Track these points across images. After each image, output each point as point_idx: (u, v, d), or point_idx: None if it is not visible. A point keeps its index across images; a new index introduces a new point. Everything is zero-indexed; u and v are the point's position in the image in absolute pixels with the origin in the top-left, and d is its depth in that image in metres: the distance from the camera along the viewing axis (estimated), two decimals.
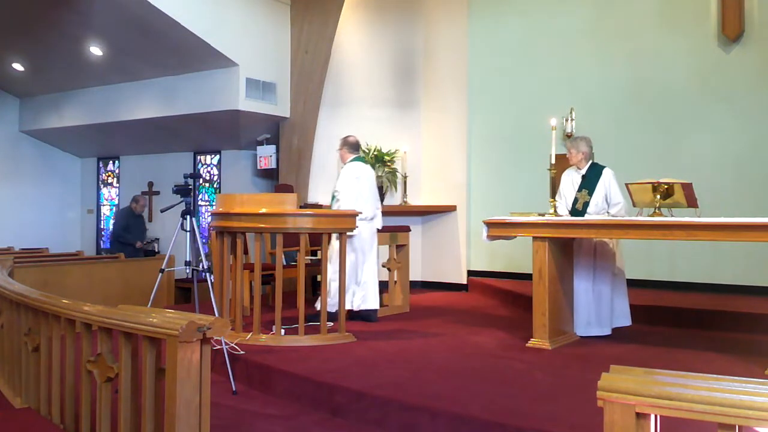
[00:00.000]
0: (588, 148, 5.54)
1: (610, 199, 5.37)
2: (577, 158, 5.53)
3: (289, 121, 8.98)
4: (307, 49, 8.74)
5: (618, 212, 5.28)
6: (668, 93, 7.34)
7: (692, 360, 4.57)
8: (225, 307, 5.23)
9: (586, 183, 5.47)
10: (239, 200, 5.55)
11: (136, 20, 7.64)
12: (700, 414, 1.61)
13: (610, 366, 1.81)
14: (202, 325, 2.51)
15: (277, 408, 4.02)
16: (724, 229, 4.20)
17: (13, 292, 3.93)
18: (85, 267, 7.51)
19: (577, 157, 5.53)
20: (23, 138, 11.42)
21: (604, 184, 5.39)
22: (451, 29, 8.76)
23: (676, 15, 7.33)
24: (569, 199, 5.56)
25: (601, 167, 5.49)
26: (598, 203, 5.39)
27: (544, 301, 4.92)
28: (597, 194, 5.40)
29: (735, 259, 6.71)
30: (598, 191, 5.40)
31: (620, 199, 5.34)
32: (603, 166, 5.51)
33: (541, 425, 3.17)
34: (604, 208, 5.38)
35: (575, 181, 5.56)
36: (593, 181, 5.43)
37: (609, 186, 5.38)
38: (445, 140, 8.79)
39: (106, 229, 12.01)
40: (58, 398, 3.51)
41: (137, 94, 9.53)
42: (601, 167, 5.49)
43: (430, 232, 8.88)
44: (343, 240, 5.35)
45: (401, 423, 3.54)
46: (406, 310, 6.82)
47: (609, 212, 5.32)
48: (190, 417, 2.49)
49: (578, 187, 5.51)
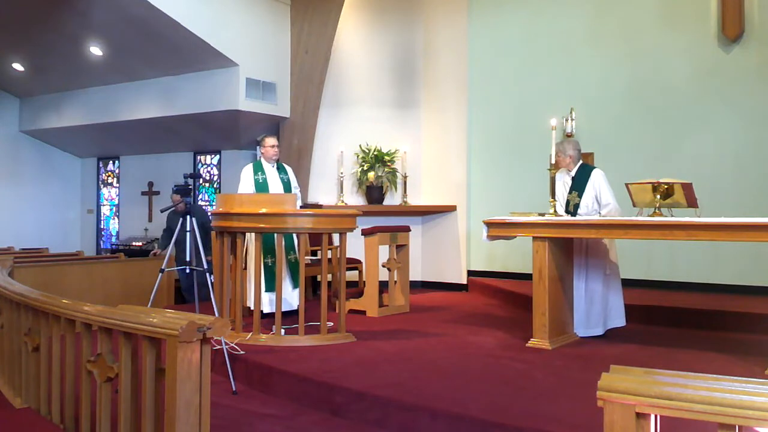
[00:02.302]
0: (575, 150, 5.54)
1: (600, 200, 5.35)
2: (565, 161, 5.54)
3: (289, 121, 8.98)
4: (307, 49, 8.75)
5: (608, 213, 5.24)
6: (668, 93, 7.34)
7: (692, 360, 4.57)
8: (225, 307, 5.23)
9: (575, 185, 5.48)
10: (239, 200, 5.55)
11: (136, 20, 7.64)
12: (700, 414, 1.61)
13: (610, 366, 1.81)
14: (202, 325, 2.51)
15: (276, 408, 4.02)
16: (724, 229, 4.20)
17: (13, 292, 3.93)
18: (85, 267, 7.51)
19: (565, 160, 5.54)
20: (23, 138, 11.42)
21: (593, 185, 5.38)
22: (451, 29, 8.76)
23: (676, 15, 7.33)
24: (563, 201, 5.56)
25: (591, 168, 5.49)
26: (588, 205, 5.38)
27: (544, 301, 4.92)
28: (586, 195, 5.39)
29: (735, 259, 6.71)
30: (588, 192, 5.39)
31: (609, 200, 5.31)
32: (593, 167, 5.51)
33: (541, 425, 3.17)
34: (595, 209, 5.36)
35: (567, 183, 5.57)
36: (582, 183, 5.43)
37: (598, 187, 5.35)
38: (445, 140, 8.79)
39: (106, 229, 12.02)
40: (58, 398, 3.51)
41: (137, 94, 9.53)
42: (591, 168, 5.49)
43: (430, 232, 8.88)
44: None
45: (401, 423, 3.54)
46: (406, 310, 6.83)
47: (600, 213, 5.30)
48: (190, 417, 2.49)
49: (569, 189, 5.53)
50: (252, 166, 6.36)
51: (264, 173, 6.28)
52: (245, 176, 6.32)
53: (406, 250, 6.94)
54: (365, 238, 6.57)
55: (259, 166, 6.31)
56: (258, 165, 6.34)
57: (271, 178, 6.30)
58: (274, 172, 6.34)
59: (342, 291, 5.33)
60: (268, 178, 6.28)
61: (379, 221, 7.56)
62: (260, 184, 6.22)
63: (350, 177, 8.76)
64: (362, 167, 8.67)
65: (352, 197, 8.80)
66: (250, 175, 6.29)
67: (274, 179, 6.32)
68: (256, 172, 6.27)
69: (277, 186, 6.29)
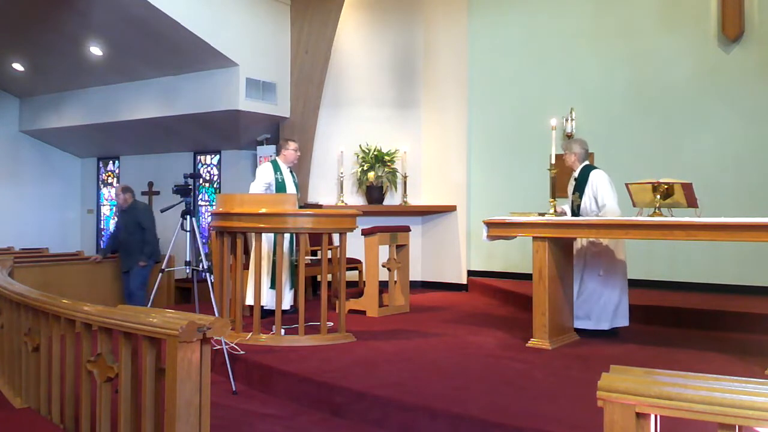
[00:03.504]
0: (582, 149, 5.52)
1: (597, 201, 5.31)
2: (570, 160, 5.55)
3: (289, 121, 8.98)
4: (307, 49, 8.75)
5: (605, 214, 5.18)
6: (668, 93, 7.34)
7: (692, 360, 4.57)
8: (225, 307, 5.23)
9: (577, 185, 5.48)
10: (239, 200, 5.55)
11: (136, 20, 7.64)
12: (700, 414, 1.61)
13: (610, 366, 1.81)
14: (202, 325, 2.51)
15: (277, 408, 4.02)
16: (724, 229, 4.20)
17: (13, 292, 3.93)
18: (85, 267, 7.51)
19: (570, 158, 5.55)
20: (23, 138, 11.42)
21: (591, 186, 5.35)
22: (451, 29, 8.76)
23: (676, 15, 7.33)
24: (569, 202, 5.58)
25: (591, 169, 5.45)
26: (587, 206, 5.36)
27: (544, 301, 4.92)
28: (585, 196, 5.37)
29: (735, 259, 6.71)
30: (586, 193, 5.37)
31: (606, 202, 5.25)
32: (593, 167, 5.48)
33: (541, 425, 3.17)
34: (594, 210, 5.33)
35: (572, 184, 5.57)
36: (583, 184, 5.42)
37: (596, 188, 5.32)
38: (445, 140, 8.80)
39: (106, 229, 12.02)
40: (58, 398, 3.51)
41: (137, 94, 9.53)
42: (591, 169, 5.45)
43: (430, 232, 8.88)
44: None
45: (401, 423, 3.54)
46: (406, 310, 6.83)
47: (598, 215, 5.25)
48: (190, 417, 2.49)
49: (572, 189, 5.52)
50: (271, 164, 6.39)
51: (282, 174, 6.35)
52: (265, 173, 6.30)
53: (406, 250, 6.94)
54: (365, 238, 6.57)
55: (277, 166, 6.37)
56: (276, 165, 6.39)
57: (287, 179, 6.39)
58: (289, 174, 6.44)
59: (342, 291, 5.33)
60: (285, 179, 6.36)
61: (379, 221, 7.56)
62: (280, 184, 6.30)
63: (350, 177, 8.77)
64: (362, 167, 8.67)
65: (352, 197, 8.80)
66: (270, 173, 6.30)
67: (289, 181, 6.42)
68: (275, 171, 6.33)
69: (291, 188, 6.39)
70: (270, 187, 6.25)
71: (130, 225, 7.26)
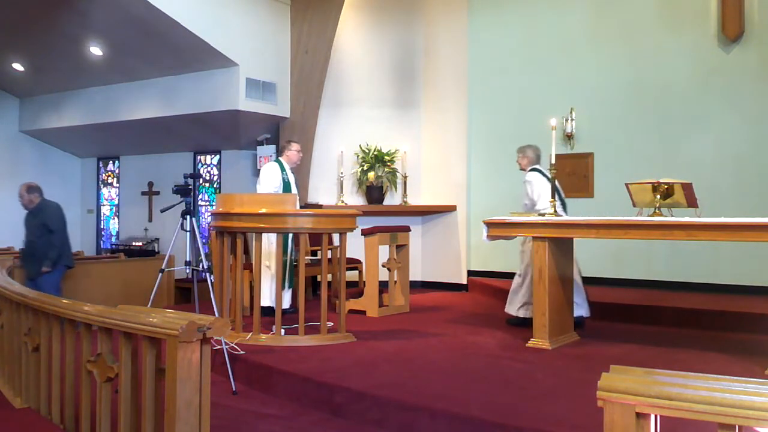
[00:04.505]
0: (534, 155, 5.94)
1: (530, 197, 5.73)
2: (523, 162, 5.99)
3: (289, 121, 8.97)
4: (307, 49, 8.74)
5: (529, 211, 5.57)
6: (668, 93, 7.34)
7: (692, 360, 4.57)
8: (225, 307, 5.23)
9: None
10: (239, 200, 5.55)
11: (136, 20, 7.64)
12: (700, 414, 1.61)
13: (610, 366, 1.81)
14: (202, 325, 2.51)
15: (277, 408, 4.02)
16: (724, 229, 4.20)
17: (13, 292, 3.93)
18: (85, 267, 7.51)
19: (523, 161, 5.99)
20: (23, 138, 11.42)
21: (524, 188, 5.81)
22: (451, 29, 8.76)
23: (676, 15, 7.32)
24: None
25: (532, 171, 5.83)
26: (526, 204, 5.77)
27: (544, 301, 4.92)
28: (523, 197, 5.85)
29: (735, 259, 6.71)
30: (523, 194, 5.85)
31: (527, 200, 5.72)
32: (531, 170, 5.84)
33: (541, 425, 3.17)
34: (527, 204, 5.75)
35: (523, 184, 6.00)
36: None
37: (524, 188, 5.78)
38: (445, 140, 8.79)
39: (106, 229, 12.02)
40: (58, 398, 3.51)
41: (137, 94, 9.53)
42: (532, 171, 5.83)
43: (430, 232, 8.88)
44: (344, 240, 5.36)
45: (401, 423, 3.54)
46: (406, 310, 6.83)
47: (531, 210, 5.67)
48: (190, 417, 2.49)
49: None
50: (277, 165, 6.51)
51: (286, 174, 6.48)
52: (272, 173, 6.41)
53: (406, 250, 6.94)
54: (365, 238, 6.57)
55: (282, 167, 6.49)
56: (281, 165, 6.52)
57: (291, 179, 6.52)
58: (291, 174, 6.55)
59: (342, 291, 5.33)
60: (290, 180, 6.49)
61: (379, 221, 7.55)
62: (287, 183, 6.43)
63: (350, 177, 8.76)
64: (362, 167, 8.67)
65: (352, 197, 8.80)
66: (277, 173, 6.42)
67: (293, 181, 6.55)
68: (282, 171, 6.45)
69: (294, 188, 6.51)
70: (278, 188, 6.35)
71: (35, 228, 6.58)
